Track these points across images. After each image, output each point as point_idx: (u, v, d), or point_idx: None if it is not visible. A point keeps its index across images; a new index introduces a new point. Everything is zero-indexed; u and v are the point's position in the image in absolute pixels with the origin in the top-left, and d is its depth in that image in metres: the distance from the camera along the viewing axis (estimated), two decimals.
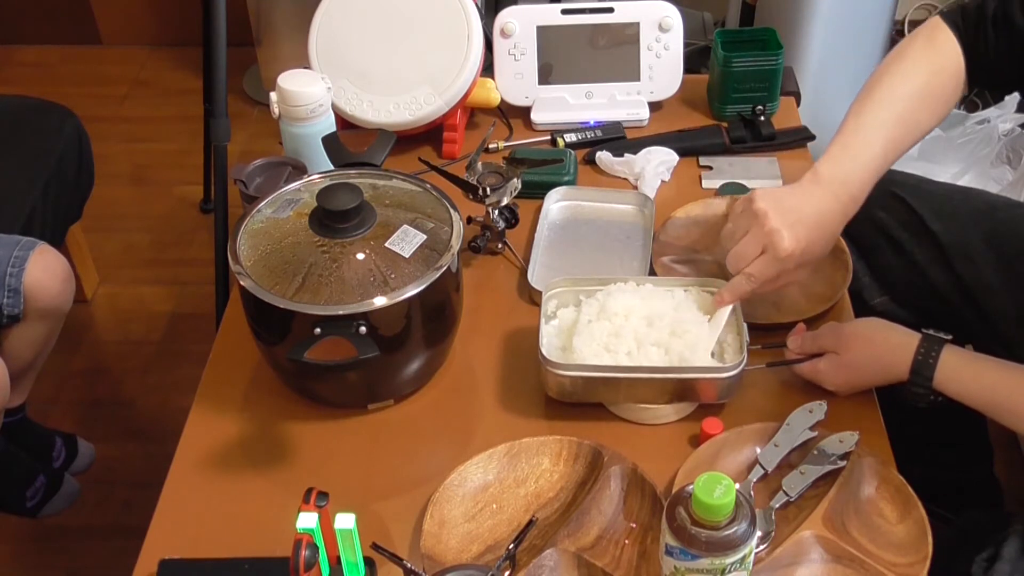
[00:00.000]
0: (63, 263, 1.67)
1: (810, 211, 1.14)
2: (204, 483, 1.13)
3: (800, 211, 1.14)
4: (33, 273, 1.60)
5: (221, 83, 1.86)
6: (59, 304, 1.68)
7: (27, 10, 3.17)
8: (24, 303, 1.60)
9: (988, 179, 2.30)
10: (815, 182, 1.16)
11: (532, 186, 1.43)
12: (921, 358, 1.09)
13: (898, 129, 1.18)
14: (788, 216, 1.13)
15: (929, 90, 1.20)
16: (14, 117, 1.96)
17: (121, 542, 1.31)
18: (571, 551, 1.01)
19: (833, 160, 1.17)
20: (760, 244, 1.13)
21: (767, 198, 1.15)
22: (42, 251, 1.63)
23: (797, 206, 1.14)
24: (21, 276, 1.59)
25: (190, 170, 2.64)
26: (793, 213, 1.13)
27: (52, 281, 1.64)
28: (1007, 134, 2.32)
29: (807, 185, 1.16)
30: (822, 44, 2.31)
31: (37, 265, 1.61)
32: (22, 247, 1.61)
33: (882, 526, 1.04)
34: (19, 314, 1.61)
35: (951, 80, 1.21)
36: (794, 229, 1.12)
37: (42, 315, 1.65)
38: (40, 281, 1.61)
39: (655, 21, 1.59)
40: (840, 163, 1.17)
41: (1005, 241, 1.34)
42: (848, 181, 1.16)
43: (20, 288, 1.59)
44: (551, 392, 1.16)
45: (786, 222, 1.12)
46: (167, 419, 2.00)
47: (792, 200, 1.15)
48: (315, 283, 1.08)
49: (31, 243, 1.63)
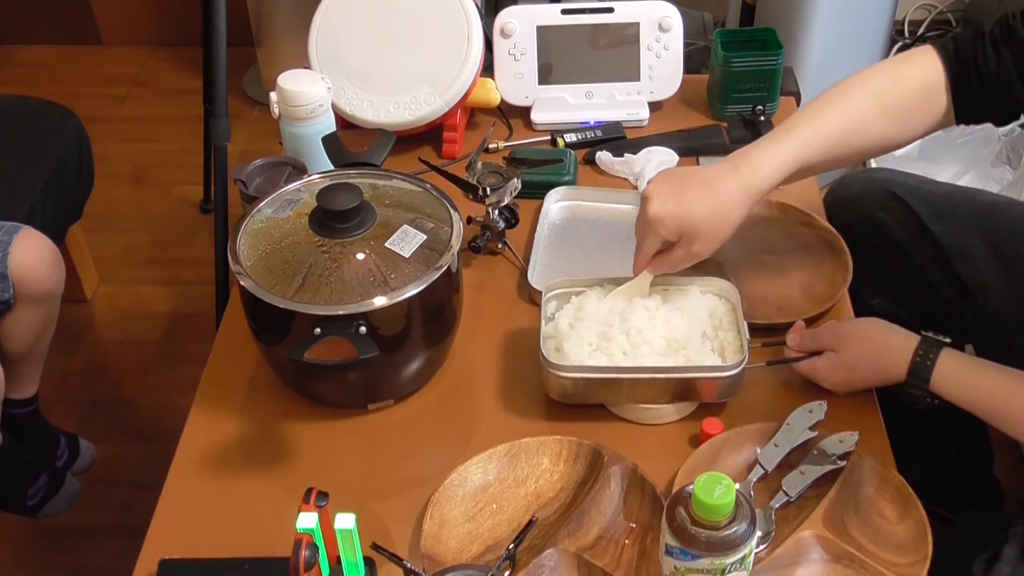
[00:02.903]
0: (49, 245, 1.66)
1: (697, 180, 1.15)
2: (204, 483, 1.13)
3: (684, 179, 1.16)
4: (18, 257, 1.59)
5: (221, 83, 1.86)
6: (49, 287, 1.67)
7: (27, 10, 3.18)
8: (13, 288, 1.60)
9: (988, 179, 2.30)
10: (726, 159, 1.17)
11: (532, 186, 1.43)
12: (919, 360, 1.09)
13: (836, 125, 1.16)
14: (667, 184, 1.14)
15: (885, 97, 1.17)
16: (14, 117, 1.96)
17: (121, 542, 1.31)
18: (571, 551, 1.01)
19: (753, 144, 1.17)
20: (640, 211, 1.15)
21: (660, 172, 1.20)
22: (26, 235, 1.62)
23: (683, 176, 1.17)
24: (6, 260, 1.58)
25: (190, 170, 2.64)
26: (673, 182, 1.15)
27: (39, 264, 1.63)
28: (1007, 134, 2.32)
29: (717, 163, 1.17)
30: (822, 44, 2.31)
31: (22, 249, 1.60)
32: (5, 232, 1.60)
33: (882, 526, 1.04)
34: (10, 299, 1.60)
35: (916, 94, 1.17)
36: (664, 195, 1.12)
37: (34, 299, 1.65)
38: (27, 265, 1.60)
39: (655, 21, 1.59)
40: (758, 145, 1.16)
41: (1005, 241, 1.34)
42: (758, 162, 1.14)
43: (7, 272, 1.58)
44: (552, 394, 1.16)
45: (660, 190, 1.13)
46: (167, 419, 2.00)
47: (681, 172, 1.20)
48: (315, 283, 1.08)
49: (14, 227, 1.62)
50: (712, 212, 1.12)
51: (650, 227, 1.13)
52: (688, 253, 1.14)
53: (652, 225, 1.13)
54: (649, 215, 1.13)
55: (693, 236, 1.13)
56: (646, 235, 1.15)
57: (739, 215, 1.14)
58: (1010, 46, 1.14)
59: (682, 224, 1.12)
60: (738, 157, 1.16)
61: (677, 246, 1.15)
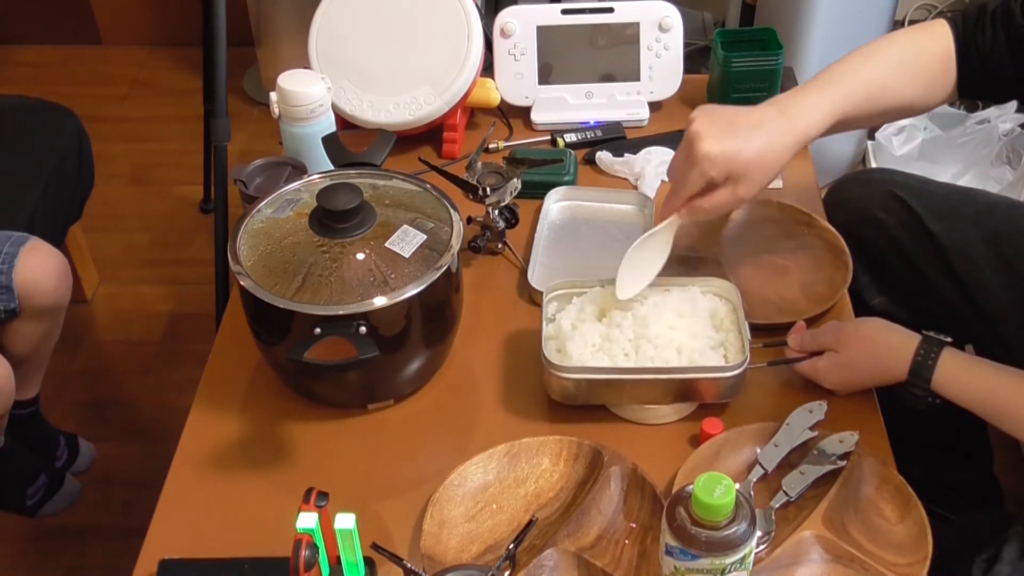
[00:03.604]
0: (57, 258, 1.66)
1: (745, 121, 1.11)
2: (204, 483, 1.13)
3: (733, 120, 1.11)
4: (25, 270, 1.58)
5: (221, 83, 1.86)
6: (56, 300, 1.67)
7: (27, 10, 3.18)
8: (19, 300, 1.59)
9: (988, 179, 2.31)
10: (770, 103, 1.14)
11: (532, 186, 1.43)
12: (920, 359, 1.09)
13: (872, 86, 1.16)
14: (715, 123, 1.10)
15: (911, 63, 1.18)
16: (14, 117, 1.96)
17: (121, 542, 1.31)
18: (571, 551, 1.01)
19: (794, 91, 1.15)
20: (685, 150, 1.12)
21: (702, 109, 1.14)
22: (33, 247, 1.61)
23: (731, 116, 1.12)
24: (11, 273, 1.57)
25: (190, 170, 2.64)
26: (721, 121, 1.11)
27: (46, 278, 1.62)
28: (1007, 134, 2.32)
29: (761, 105, 1.14)
30: (822, 44, 2.31)
31: (28, 262, 1.59)
32: (12, 243, 1.60)
33: (882, 526, 1.04)
34: (15, 309, 1.60)
35: (936, 63, 1.19)
36: (715, 135, 1.09)
37: (40, 311, 1.65)
38: (33, 278, 1.60)
39: (655, 21, 1.59)
40: (803, 92, 1.14)
41: (1005, 241, 1.34)
42: (806, 108, 1.13)
43: (12, 285, 1.57)
44: (554, 395, 1.16)
45: (710, 129, 1.09)
46: (167, 419, 2.01)
47: (728, 112, 1.13)
48: (315, 283, 1.08)
49: (22, 239, 1.61)
50: (761, 154, 1.10)
51: (698, 165, 1.09)
52: (733, 194, 1.11)
53: (702, 164, 1.09)
54: (700, 152, 1.08)
55: (740, 177, 1.10)
56: (690, 174, 1.10)
57: (786, 159, 1.12)
58: (1005, 27, 1.16)
59: (732, 164, 1.09)
60: (786, 100, 1.13)
61: (721, 188, 1.11)
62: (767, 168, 1.10)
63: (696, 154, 1.09)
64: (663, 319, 1.16)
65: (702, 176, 1.10)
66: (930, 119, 2.39)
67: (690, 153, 1.10)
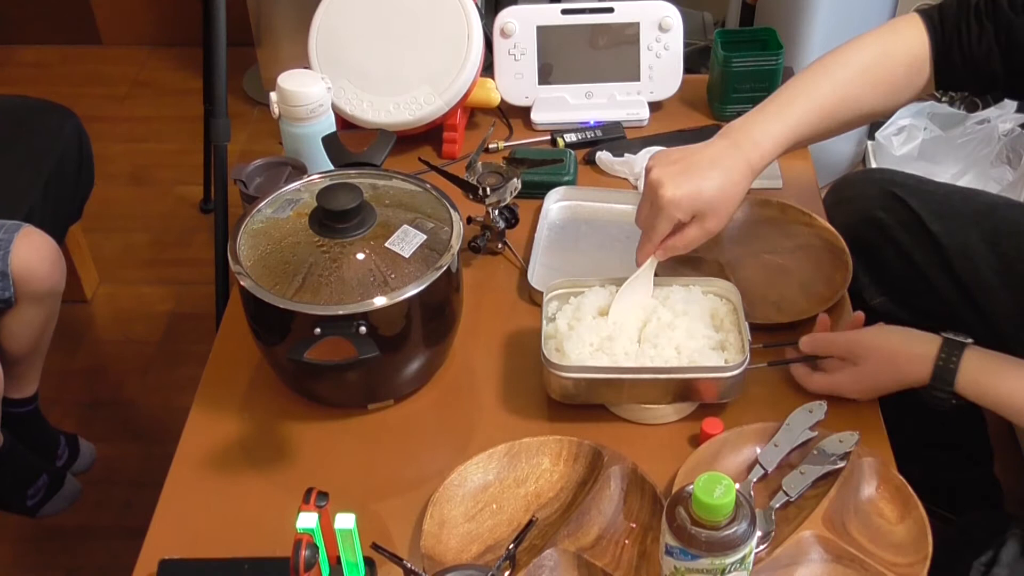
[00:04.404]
0: (49, 243, 1.67)
1: (700, 158, 1.14)
2: (204, 483, 1.13)
3: (689, 161, 1.14)
4: (19, 256, 1.59)
5: (221, 83, 1.86)
6: (50, 286, 1.67)
7: (27, 10, 3.18)
8: (14, 286, 1.60)
9: (988, 179, 2.30)
10: (721, 135, 1.17)
11: (532, 186, 1.43)
12: (942, 363, 1.08)
13: (830, 100, 1.18)
14: (673, 168, 1.14)
15: (875, 71, 1.19)
16: (14, 117, 1.96)
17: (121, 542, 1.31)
18: (571, 551, 1.01)
19: (747, 118, 1.18)
20: (649, 199, 1.15)
21: (657, 155, 1.18)
22: (27, 233, 1.62)
23: (687, 157, 1.15)
24: (7, 259, 1.58)
25: (190, 170, 2.64)
26: (678, 165, 1.14)
27: (40, 263, 1.63)
28: (1007, 134, 2.32)
29: (713, 139, 1.17)
30: (822, 44, 2.31)
31: (22, 247, 1.60)
32: (6, 230, 1.60)
33: (882, 526, 1.04)
34: (11, 297, 1.61)
35: (902, 67, 1.19)
36: (674, 179, 1.12)
37: (35, 298, 1.65)
38: (28, 263, 1.60)
39: (655, 21, 1.59)
40: (753, 120, 1.17)
41: (1005, 241, 1.34)
42: (757, 139, 1.16)
43: (8, 271, 1.58)
44: (554, 394, 1.16)
45: (669, 174, 1.13)
46: (167, 419, 2.00)
47: (682, 152, 1.16)
48: (315, 283, 1.08)
49: (15, 226, 1.62)
50: (722, 189, 1.14)
51: (664, 211, 1.13)
52: (703, 230, 1.15)
53: (667, 209, 1.12)
54: (664, 199, 1.12)
55: (706, 214, 1.14)
56: (658, 220, 1.14)
57: (744, 188, 1.16)
58: (993, 21, 1.16)
59: (696, 204, 1.13)
60: (736, 133, 1.16)
61: (690, 226, 1.15)
62: (729, 201, 1.15)
63: (660, 201, 1.13)
64: (663, 319, 1.16)
65: (670, 220, 1.14)
66: (930, 119, 2.39)
67: (654, 201, 1.14)
